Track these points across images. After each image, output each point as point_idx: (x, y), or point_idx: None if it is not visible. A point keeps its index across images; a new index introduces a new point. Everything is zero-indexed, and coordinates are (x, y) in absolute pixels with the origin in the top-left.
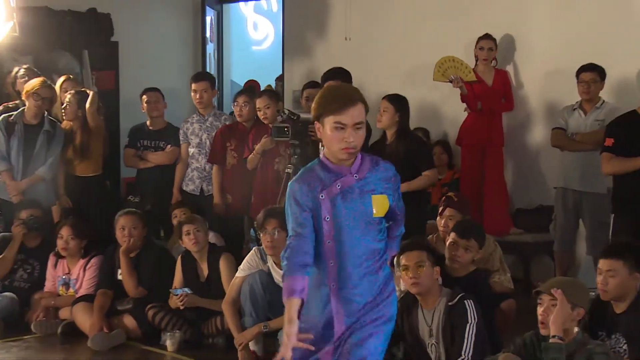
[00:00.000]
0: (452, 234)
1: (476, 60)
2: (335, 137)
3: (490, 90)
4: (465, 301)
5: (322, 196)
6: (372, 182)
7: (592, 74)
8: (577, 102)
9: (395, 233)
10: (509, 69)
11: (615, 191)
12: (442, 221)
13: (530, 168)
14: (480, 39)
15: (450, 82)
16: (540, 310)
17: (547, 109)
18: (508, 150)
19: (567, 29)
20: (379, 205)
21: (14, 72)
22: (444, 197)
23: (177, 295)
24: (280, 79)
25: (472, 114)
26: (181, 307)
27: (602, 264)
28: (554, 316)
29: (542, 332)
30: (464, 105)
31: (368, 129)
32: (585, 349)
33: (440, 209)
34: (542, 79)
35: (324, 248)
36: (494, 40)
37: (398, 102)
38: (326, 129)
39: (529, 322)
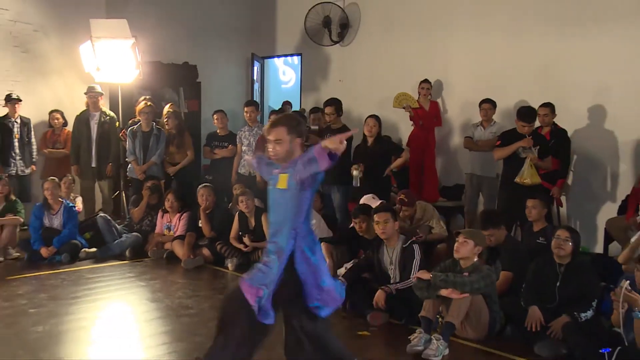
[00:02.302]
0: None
1: (419, 95)
2: (267, 147)
3: (427, 114)
4: (413, 245)
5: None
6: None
7: (488, 105)
8: (479, 121)
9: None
10: (439, 100)
11: (501, 175)
12: (400, 213)
13: (451, 161)
14: (421, 82)
15: (404, 108)
16: (457, 245)
17: (462, 125)
18: (438, 150)
19: (473, 77)
20: (281, 181)
21: (140, 100)
22: (399, 198)
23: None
24: (286, 104)
25: (416, 128)
26: (243, 250)
27: (485, 233)
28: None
29: (456, 255)
30: (411, 122)
31: (350, 136)
32: (480, 268)
33: (398, 206)
34: (459, 107)
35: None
36: (430, 82)
37: (379, 121)
38: None
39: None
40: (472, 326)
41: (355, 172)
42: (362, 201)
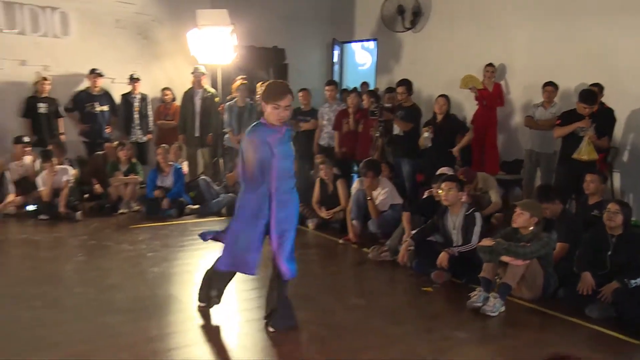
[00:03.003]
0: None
1: (484, 77)
2: (274, 113)
3: (491, 94)
4: (475, 213)
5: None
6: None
7: (550, 87)
8: (541, 102)
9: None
10: (502, 82)
11: (560, 152)
12: (465, 189)
13: (511, 138)
14: (487, 65)
15: (469, 89)
16: (514, 215)
17: (523, 105)
18: (500, 128)
19: (535, 61)
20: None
21: (236, 79)
22: (460, 177)
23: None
24: (364, 84)
25: (480, 107)
26: (326, 217)
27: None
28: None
29: (513, 225)
30: (476, 102)
31: (419, 111)
32: (539, 237)
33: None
34: (521, 89)
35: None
36: (494, 66)
37: (449, 100)
38: (268, 108)
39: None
40: (528, 287)
41: (426, 134)
42: (439, 171)
